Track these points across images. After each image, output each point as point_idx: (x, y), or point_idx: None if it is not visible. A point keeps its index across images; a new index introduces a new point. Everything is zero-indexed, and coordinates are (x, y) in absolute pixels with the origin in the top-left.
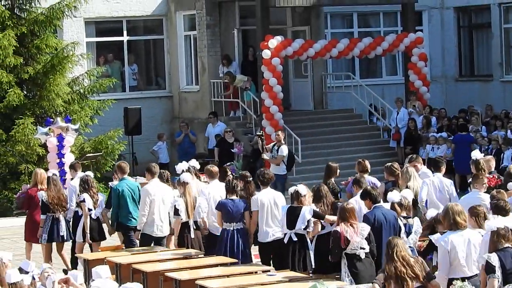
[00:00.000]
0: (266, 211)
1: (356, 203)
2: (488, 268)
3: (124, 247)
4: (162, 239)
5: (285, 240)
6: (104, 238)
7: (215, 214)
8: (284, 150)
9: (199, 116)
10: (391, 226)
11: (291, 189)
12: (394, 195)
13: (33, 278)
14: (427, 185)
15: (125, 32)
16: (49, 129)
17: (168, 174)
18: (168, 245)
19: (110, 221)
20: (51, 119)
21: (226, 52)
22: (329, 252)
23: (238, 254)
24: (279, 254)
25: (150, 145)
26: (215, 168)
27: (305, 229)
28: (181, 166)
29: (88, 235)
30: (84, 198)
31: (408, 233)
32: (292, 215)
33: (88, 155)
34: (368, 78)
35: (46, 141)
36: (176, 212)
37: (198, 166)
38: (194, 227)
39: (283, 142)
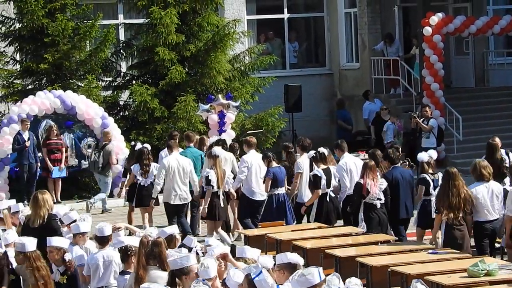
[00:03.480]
0: (305, 174)
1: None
2: None
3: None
4: (183, 207)
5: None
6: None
7: (253, 180)
8: (433, 122)
9: (359, 94)
10: (407, 183)
11: (320, 150)
12: (423, 156)
13: (197, 254)
14: None
15: (285, 10)
16: (211, 106)
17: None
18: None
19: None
20: (213, 96)
21: (387, 30)
22: (351, 204)
23: (287, 215)
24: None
25: (310, 122)
26: (254, 140)
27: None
28: (212, 139)
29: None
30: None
31: (435, 187)
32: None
33: (249, 132)
34: None
35: (207, 118)
36: (208, 182)
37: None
38: (223, 197)
39: (432, 116)
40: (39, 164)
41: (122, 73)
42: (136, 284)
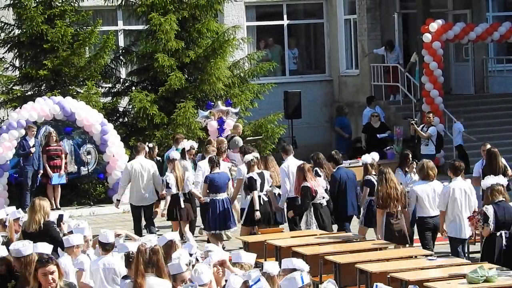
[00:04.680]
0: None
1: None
2: (485, 217)
3: None
4: (147, 208)
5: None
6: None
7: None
8: (432, 130)
9: (359, 100)
10: (352, 182)
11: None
12: (366, 158)
13: (197, 260)
14: None
15: (285, 16)
16: (210, 112)
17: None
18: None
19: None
20: (212, 103)
21: (386, 36)
22: (298, 207)
23: (231, 220)
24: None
25: (309, 129)
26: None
27: None
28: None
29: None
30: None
31: None
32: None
33: (248, 138)
34: None
35: (206, 124)
36: (167, 185)
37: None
38: (183, 199)
39: (433, 124)
40: (41, 171)
41: (121, 80)
42: None
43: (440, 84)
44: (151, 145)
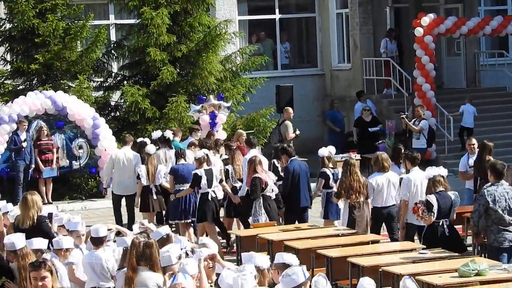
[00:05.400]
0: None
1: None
2: (428, 206)
3: None
4: (129, 198)
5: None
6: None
7: None
8: (424, 123)
9: (351, 94)
10: (305, 174)
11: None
12: (323, 151)
13: (187, 254)
14: None
15: (277, 10)
16: (202, 106)
17: None
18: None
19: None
20: (204, 97)
21: (378, 30)
22: (250, 195)
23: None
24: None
25: (301, 123)
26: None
27: None
28: (155, 134)
29: None
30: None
31: (335, 180)
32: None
33: None
34: None
35: (198, 118)
36: (138, 177)
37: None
38: (155, 190)
39: (424, 117)
40: (33, 166)
41: (113, 74)
42: (126, 285)
43: (432, 78)
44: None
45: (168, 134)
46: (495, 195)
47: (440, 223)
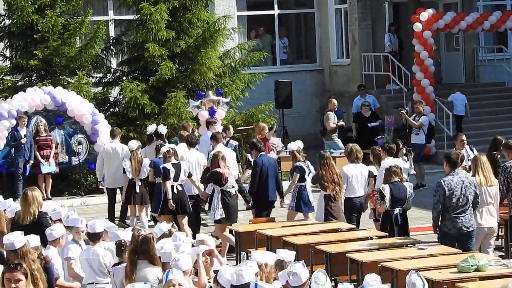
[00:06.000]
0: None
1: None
2: (381, 195)
3: None
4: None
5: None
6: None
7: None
8: (424, 119)
9: (349, 90)
10: (273, 168)
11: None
12: (292, 145)
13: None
14: None
15: (276, 6)
16: (201, 102)
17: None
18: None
19: None
20: (203, 93)
21: (377, 26)
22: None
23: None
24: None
25: (301, 118)
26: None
27: None
28: (150, 128)
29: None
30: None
31: (308, 173)
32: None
33: (239, 128)
34: None
35: (197, 114)
36: (123, 171)
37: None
38: (140, 184)
39: (423, 113)
40: (31, 161)
41: (112, 69)
42: (126, 278)
43: (431, 73)
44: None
45: (162, 129)
46: (452, 184)
47: (394, 212)
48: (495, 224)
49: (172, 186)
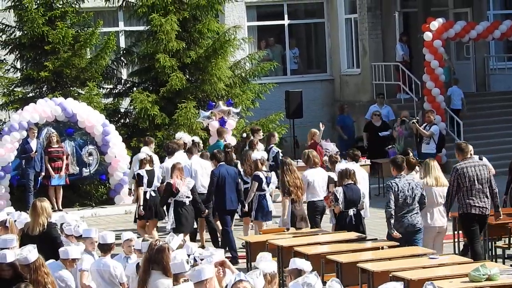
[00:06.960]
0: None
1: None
2: (335, 198)
3: None
4: None
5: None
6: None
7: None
8: (435, 128)
9: (360, 99)
10: (232, 178)
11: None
12: (256, 154)
13: (195, 260)
14: None
15: (286, 16)
16: (211, 112)
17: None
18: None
19: None
20: (213, 103)
21: (387, 35)
22: (160, 200)
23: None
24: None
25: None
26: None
27: None
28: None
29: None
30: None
31: (268, 184)
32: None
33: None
34: None
35: (208, 124)
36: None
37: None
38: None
39: (434, 122)
40: (43, 173)
41: (122, 80)
42: (139, 286)
43: (442, 82)
44: (196, 139)
45: (196, 138)
46: (399, 186)
47: (349, 212)
48: (446, 224)
49: (145, 192)
